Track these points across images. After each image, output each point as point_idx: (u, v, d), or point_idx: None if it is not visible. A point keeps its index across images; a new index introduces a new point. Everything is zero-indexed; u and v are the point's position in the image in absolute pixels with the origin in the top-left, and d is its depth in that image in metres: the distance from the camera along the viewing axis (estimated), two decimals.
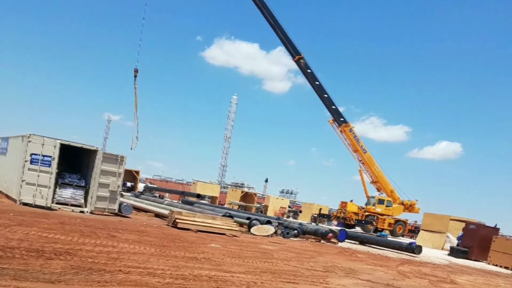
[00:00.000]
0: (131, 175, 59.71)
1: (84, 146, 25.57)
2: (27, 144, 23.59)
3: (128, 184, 57.36)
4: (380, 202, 58.17)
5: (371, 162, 58.69)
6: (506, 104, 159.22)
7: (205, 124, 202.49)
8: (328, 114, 58.55)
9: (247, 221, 30.57)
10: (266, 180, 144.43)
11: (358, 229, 55.98)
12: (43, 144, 23.88)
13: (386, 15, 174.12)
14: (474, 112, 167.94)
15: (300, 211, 76.88)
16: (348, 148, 59.30)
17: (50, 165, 23.90)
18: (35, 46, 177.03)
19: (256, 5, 54.68)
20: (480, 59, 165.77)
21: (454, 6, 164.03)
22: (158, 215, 30.43)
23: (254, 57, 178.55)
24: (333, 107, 57.76)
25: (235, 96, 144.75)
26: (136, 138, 31.04)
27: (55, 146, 24.11)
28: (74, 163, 27.88)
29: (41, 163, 23.74)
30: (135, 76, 32.80)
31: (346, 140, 58.78)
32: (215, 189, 71.10)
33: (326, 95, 57.31)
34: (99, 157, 25.19)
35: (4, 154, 30.09)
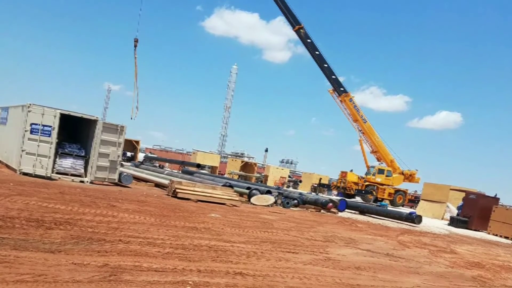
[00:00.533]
0: (131, 145, 59.61)
1: (84, 116, 25.50)
2: (27, 114, 23.52)
3: (128, 154, 57.25)
4: (380, 172, 58.22)
5: (371, 132, 58.65)
6: (506, 74, 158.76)
7: (205, 94, 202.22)
8: (328, 84, 58.46)
9: (247, 191, 30.60)
10: (266, 150, 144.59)
11: (358, 199, 56.15)
12: (43, 114, 23.82)
13: None
14: (474, 82, 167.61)
15: (300, 181, 76.97)
16: (348, 118, 59.29)
17: (50, 135, 23.87)
18: (35, 15, 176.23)
19: None
20: (480, 29, 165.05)
21: None
22: (158, 185, 30.45)
23: (254, 27, 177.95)
24: (333, 77, 57.58)
25: (235, 66, 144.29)
26: (136, 108, 30.97)
27: (55, 116, 24.05)
28: (74, 133, 27.85)
29: (41, 133, 23.69)
30: (135, 46, 32.65)
31: (346, 110, 58.70)
32: (215, 159, 71.12)
33: (326, 65, 57.10)
34: (99, 127, 25.13)
35: (4, 124, 30.03)
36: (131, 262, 9.35)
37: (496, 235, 36.19)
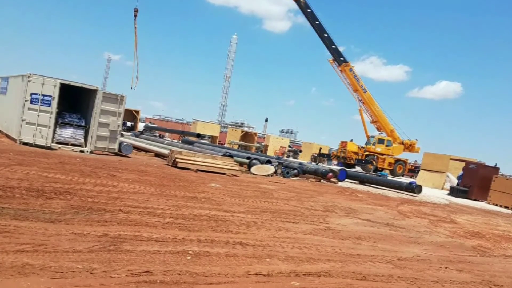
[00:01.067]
0: (131, 115, 59.60)
1: (84, 86, 25.39)
2: (27, 84, 23.43)
3: (128, 123, 57.27)
4: (380, 141, 58.17)
5: (371, 102, 58.52)
6: (506, 44, 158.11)
7: (205, 63, 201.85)
8: (328, 53, 58.19)
9: (247, 160, 30.60)
10: (266, 120, 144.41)
11: (358, 168, 56.15)
12: (43, 83, 23.73)
13: None
14: (474, 51, 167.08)
15: (300, 151, 77.01)
16: (348, 88, 59.11)
17: (50, 104, 23.80)
18: None
19: None
20: None
21: None
22: (158, 155, 30.44)
23: None
24: (333, 46, 57.31)
25: (235, 36, 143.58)
26: (136, 77, 30.89)
27: (55, 86, 23.96)
28: (74, 102, 27.76)
29: (41, 102, 23.62)
30: (135, 15, 32.48)
31: (346, 79, 58.51)
32: (215, 128, 71.08)
33: (326, 35, 56.79)
34: (99, 96, 25.03)
35: (4, 93, 29.95)
36: (131, 232, 9.36)
37: (496, 205, 36.26)
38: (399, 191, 33.44)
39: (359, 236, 13.16)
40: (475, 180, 39.51)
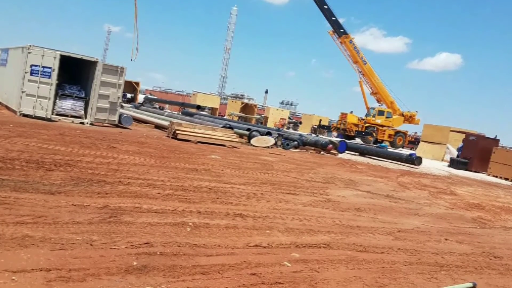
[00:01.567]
0: (131, 87, 59.38)
1: (84, 57, 25.31)
2: (27, 56, 23.35)
3: (128, 95, 57.09)
4: (380, 113, 58.14)
5: (371, 73, 58.41)
6: (506, 16, 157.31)
7: (205, 35, 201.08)
8: (328, 25, 58.01)
9: (247, 132, 30.57)
10: (266, 91, 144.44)
11: (358, 140, 56.18)
12: (43, 55, 23.65)
13: None
14: (474, 23, 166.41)
15: (300, 122, 77.01)
16: (348, 60, 59.00)
17: (50, 76, 23.73)
18: None
19: None
20: None
21: None
22: (158, 126, 30.41)
23: None
24: (333, 18, 57.07)
25: (235, 7, 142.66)
26: (136, 49, 30.69)
27: (55, 58, 23.88)
28: (74, 74, 27.66)
29: (41, 74, 23.56)
30: None
31: (346, 51, 58.36)
32: (215, 100, 70.96)
33: (326, 6, 56.52)
34: (99, 68, 24.96)
35: (4, 65, 29.85)
36: (131, 203, 9.36)
37: (496, 177, 36.31)
38: (399, 162, 33.44)
39: (359, 208, 13.18)
40: (475, 152, 39.51)
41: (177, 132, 24.19)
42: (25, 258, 5.73)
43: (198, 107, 53.62)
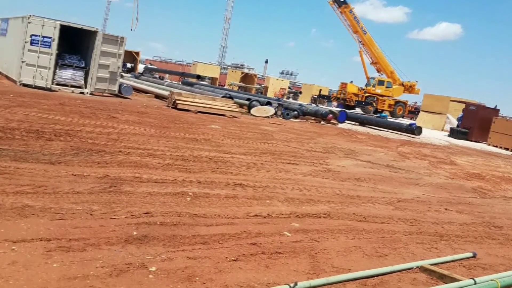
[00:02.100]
0: (131, 56, 59.21)
1: (84, 27, 25.17)
2: (27, 25, 23.21)
3: (128, 65, 56.95)
4: (380, 83, 57.96)
5: (371, 43, 58.17)
6: None
7: (205, 5, 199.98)
8: None
9: (247, 102, 30.51)
10: (266, 61, 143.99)
11: (358, 110, 56.10)
12: (43, 25, 23.52)
13: None
14: None
15: (300, 92, 76.89)
16: (348, 29, 58.69)
17: (50, 46, 23.63)
18: None
19: None
20: None
21: None
22: (158, 96, 30.35)
23: None
24: None
25: None
26: (136, 19, 30.67)
27: (55, 27, 23.74)
28: (74, 44, 27.50)
29: (41, 44, 23.45)
30: None
31: (346, 21, 58.02)
32: (215, 70, 70.82)
33: None
34: (99, 38, 24.83)
35: (4, 35, 29.71)
36: (131, 173, 9.36)
37: (496, 147, 36.32)
38: (399, 132, 33.45)
39: (359, 178, 13.19)
40: (475, 122, 39.48)
41: (177, 102, 24.14)
42: (25, 228, 5.74)
43: (198, 77, 53.54)
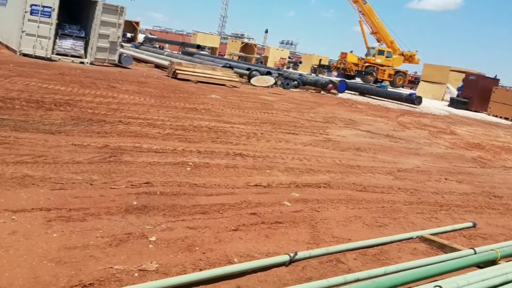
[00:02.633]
0: (131, 26, 58.91)
1: None
2: None
3: (128, 35, 56.69)
4: (380, 53, 57.77)
5: (371, 13, 57.87)
6: None
7: None
8: None
9: (247, 72, 30.40)
10: (266, 31, 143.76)
11: (358, 80, 55.97)
12: None
13: None
14: None
15: (300, 62, 76.61)
16: None
17: (50, 15, 23.47)
18: None
19: None
20: None
21: None
22: (158, 66, 30.24)
23: None
24: None
25: None
26: None
27: None
28: (74, 14, 27.33)
29: (41, 13, 23.29)
30: None
31: None
32: (215, 40, 70.56)
33: None
34: (99, 8, 24.67)
35: (4, 5, 29.47)
36: (131, 143, 9.35)
37: (496, 116, 36.32)
38: (399, 102, 33.38)
39: (359, 147, 13.20)
40: (475, 92, 39.44)
41: (177, 71, 24.06)
42: (25, 198, 5.74)
43: (198, 47, 53.29)
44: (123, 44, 38.72)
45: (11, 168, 6.69)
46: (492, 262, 5.56)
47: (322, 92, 31.05)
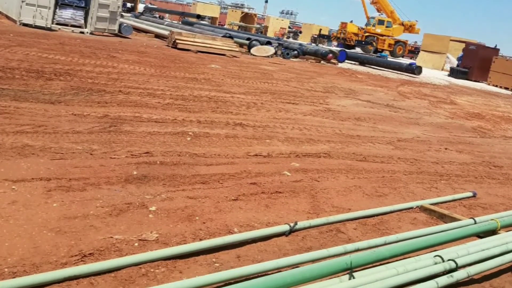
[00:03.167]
0: None
1: None
2: None
3: (128, 5, 56.30)
4: (380, 22, 57.53)
5: None
6: None
7: None
8: None
9: (247, 41, 30.27)
10: (266, 1, 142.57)
11: (358, 49, 55.78)
12: None
13: None
14: None
15: (300, 32, 76.41)
16: None
17: None
18: None
19: None
20: None
21: None
22: (158, 36, 30.12)
23: None
24: None
25: None
26: None
27: None
28: None
29: None
30: None
31: None
32: (215, 9, 70.23)
33: None
34: None
35: None
36: (131, 113, 9.34)
37: (496, 86, 36.26)
38: (399, 72, 33.30)
39: (359, 117, 13.18)
40: (475, 61, 39.35)
41: (177, 41, 23.98)
42: (25, 168, 5.74)
43: (198, 17, 53.00)
44: (123, 14, 38.51)
45: (11, 138, 6.69)
46: (492, 232, 5.59)
47: (322, 62, 30.95)
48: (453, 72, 40.08)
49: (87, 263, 3.98)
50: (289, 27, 77.25)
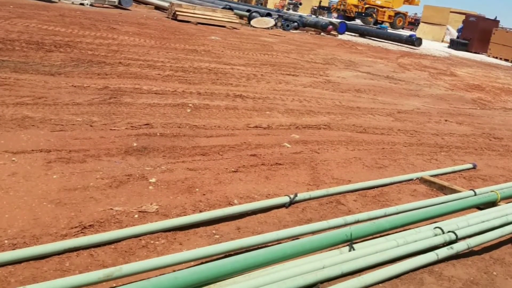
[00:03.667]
0: None
1: None
2: None
3: None
4: None
5: None
6: None
7: None
8: None
9: (247, 13, 30.11)
10: None
11: (358, 21, 55.46)
12: None
13: None
14: None
15: (300, 4, 75.79)
16: None
17: None
18: None
19: None
20: None
21: None
22: (158, 8, 29.91)
23: None
24: None
25: None
26: None
27: None
28: None
29: None
30: None
31: None
32: None
33: None
34: None
35: None
36: (131, 84, 9.32)
37: (496, 58, 36.21)
38: (399, 44, 33.19)
39: (359, 89, 13.17)
40: (475, 33, 39.25)
41: (177, 13, 23.85)
42: (25, 139, 5.75)
43: None
44: None
45: (11, 110, 6.68)
46: (492, 204, 5.61)
47: (322, 33, 30.86)
48: (453, 44, 39.96)
49: (87, 234, 4.00)
50: None
